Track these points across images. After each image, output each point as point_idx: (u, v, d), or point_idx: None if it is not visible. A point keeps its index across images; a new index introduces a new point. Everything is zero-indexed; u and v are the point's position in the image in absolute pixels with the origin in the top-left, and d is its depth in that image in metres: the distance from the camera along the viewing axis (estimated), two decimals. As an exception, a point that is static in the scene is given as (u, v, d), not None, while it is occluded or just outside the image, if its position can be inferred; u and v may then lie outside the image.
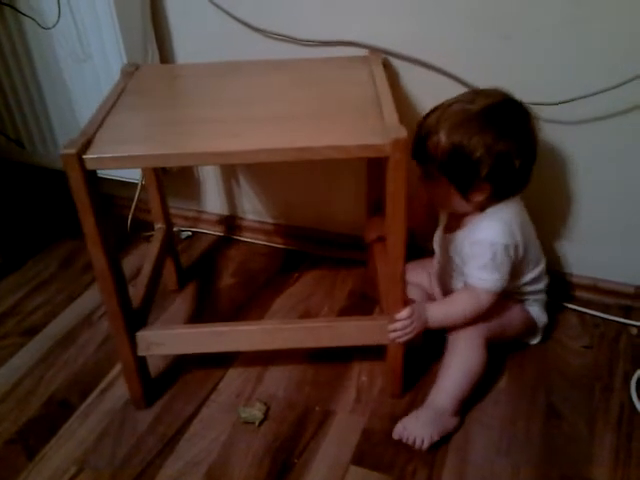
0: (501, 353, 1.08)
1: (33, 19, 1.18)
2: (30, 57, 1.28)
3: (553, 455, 0.92)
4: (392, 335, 0.94)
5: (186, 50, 1.24)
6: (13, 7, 1.20)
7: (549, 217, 1.15)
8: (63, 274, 1.35)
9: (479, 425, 0.96)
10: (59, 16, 1.14)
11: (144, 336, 0.95)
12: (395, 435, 0.94)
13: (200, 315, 1.22)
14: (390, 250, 0.87)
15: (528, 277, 1.03)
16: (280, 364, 1.08)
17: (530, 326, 1.08)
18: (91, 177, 0.80)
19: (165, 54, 1.24)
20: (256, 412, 0.99)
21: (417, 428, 0.92)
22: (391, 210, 0.83)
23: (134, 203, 1.33)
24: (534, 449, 0.93)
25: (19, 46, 1.27)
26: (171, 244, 1.25)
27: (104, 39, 1.15)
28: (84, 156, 0.78)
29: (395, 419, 0.97)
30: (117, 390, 1.05)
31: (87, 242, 0.84)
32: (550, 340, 1.12)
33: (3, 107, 1.40)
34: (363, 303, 1.22)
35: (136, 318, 0.96)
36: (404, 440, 0.93)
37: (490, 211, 0.97)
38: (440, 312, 0.98)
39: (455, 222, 1.02)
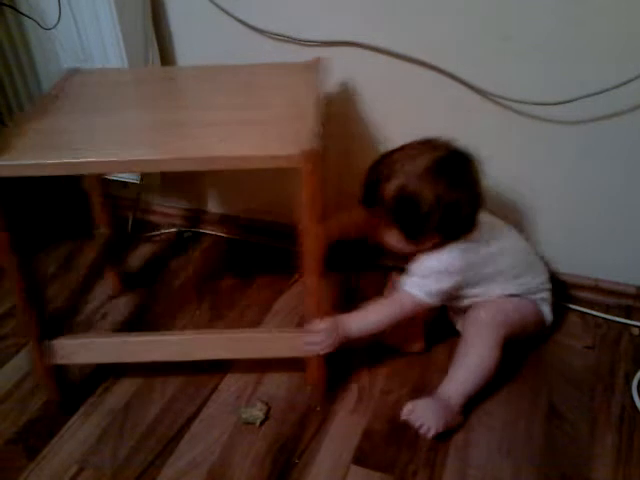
0: (502, 353, 1.08)
1: (34, 20, 1.18)
2: (31, 57, 1.28)
3: (554, 455, 0.92)
4: (308, 348, 0.94)
5: (187, 50, 1.24)
6: (13, 8, 1.20)
7: (550, 217, 1.15)
8: (63, 275, 1.34)
9: (480, 425, 0.96)
10: (60, 17, 1.14)
11: (60, 344, 0.95)
12: (403, 416, 0.94)
13: (204, 316, 1.22)
14: (305, 263, 0.85)
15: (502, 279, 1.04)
16: (280, 364, 1.08)
17: (542, 326, 1.09)
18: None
19: (166, 54, 1.24)
20: (257, 412, 0.98)
21: (426, 414, 0.93)
22: (305, 222, 0.81)
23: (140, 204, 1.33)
24: (535, 449, 0.92)
25: (20, 46, 1.27)
26: (115, 249, 1.24)
27: (105, 40, 1.15)
28: None
29: (396, 419, 0.97)
30: (118, 390, 1.05)
31: None
32: (551, 340, 1.11)
33: (4, 108, 1.40)
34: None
35: (53, 325, 0.95)
36: (411, 422, 0.93)
37: (441, 249, 0.99)
38: (357, 323, 0.98)
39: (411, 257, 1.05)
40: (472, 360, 0.97)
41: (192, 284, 1.30)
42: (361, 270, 1.30)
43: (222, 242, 1.44)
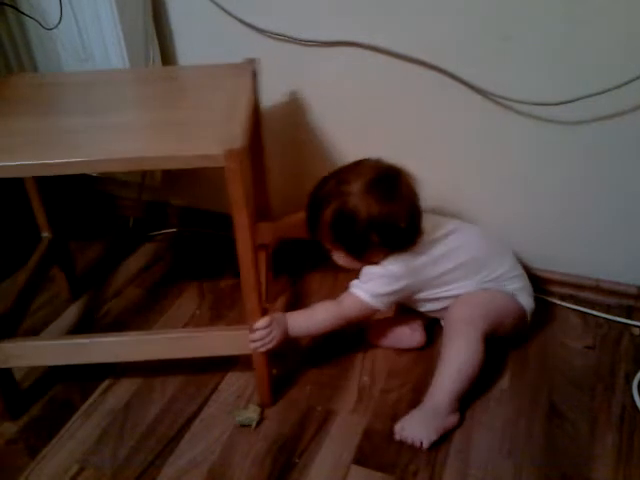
0: (503, 353, 1.08)
1: (35, 19, 1.19)
2: (32, 57, 1.28)
3: (555, 455, 0.92)
4: (252, 345, 0.94)
5: (187, 50, 1.24)
6: (15, 7, 1.20)
7: (551, 217, 1.15)
8: (63, 275, 1.34)
9: (481, 425, 0.96)
10: (61, 16, 1.14)
11: (2, 348, 0.94)
12: (396, 436, 0.94)
13: (204, 316, 1.22)
14: (240, 260, 0.86)
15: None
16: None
17: (522, 316, 1.07)
18: None
19: (167, 54, 1.24)
20: (251, 414, 0.98)
21: (415, 428, 0.93)
22: (235, 218, 0.82)
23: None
24: (536, 449, 0.92)
25: (21, 46, 1.27)
26: (62, 253, 1.23)
27: (106, 39, 1.15)
28: None
29: (397, 419, 0.96)
30: (118, 390, 1.05)
31: None
32: (552, 340, 1.11)
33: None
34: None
35: None
36: (404, 440, 0.93)
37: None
38: (300, 321, 0.99)
39: None
40: (453, 366, 0.96)
41: (192, 284, 1.30)
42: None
43: (222, 242, 1.44)
